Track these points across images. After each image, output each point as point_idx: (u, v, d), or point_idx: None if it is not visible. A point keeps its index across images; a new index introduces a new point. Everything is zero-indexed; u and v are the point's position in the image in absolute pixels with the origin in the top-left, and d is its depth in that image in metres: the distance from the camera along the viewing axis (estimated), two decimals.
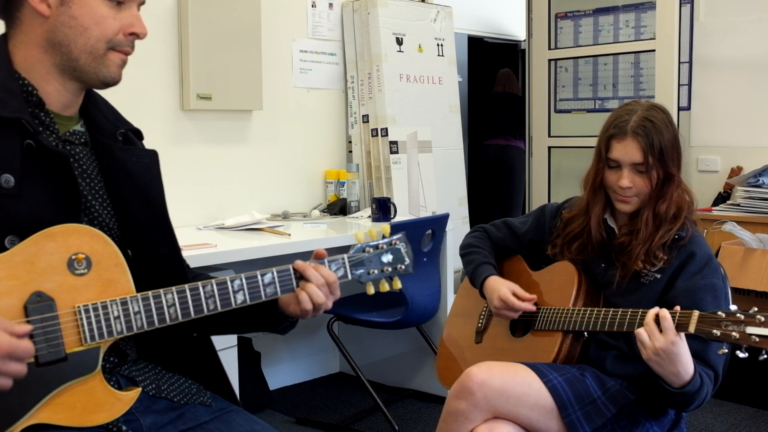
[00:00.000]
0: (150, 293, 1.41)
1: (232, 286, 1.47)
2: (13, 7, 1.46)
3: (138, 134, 1.66)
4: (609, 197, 2.15)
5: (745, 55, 4.54)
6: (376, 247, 1.62)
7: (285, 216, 3.81)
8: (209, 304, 1.45)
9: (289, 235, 3.29)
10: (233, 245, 3.07)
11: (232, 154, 3.79)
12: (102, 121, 1.57)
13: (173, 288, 1.43)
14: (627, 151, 2.06)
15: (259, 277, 1.50)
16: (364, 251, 1.61)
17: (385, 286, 1.63)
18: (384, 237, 1.64)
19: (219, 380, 1.65)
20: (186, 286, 1.44)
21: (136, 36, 1.50)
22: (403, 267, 1.64)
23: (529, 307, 2.22)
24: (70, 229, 1.37)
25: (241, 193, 3.82)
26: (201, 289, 1.44)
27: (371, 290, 1.62)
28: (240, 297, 1.48)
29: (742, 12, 4.56)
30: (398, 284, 1.65)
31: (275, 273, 1.52)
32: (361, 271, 1.60)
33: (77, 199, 1.43)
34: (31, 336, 1.28)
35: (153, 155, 1.63)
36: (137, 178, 1.56)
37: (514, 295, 2.24)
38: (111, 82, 1.51)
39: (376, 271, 1.61)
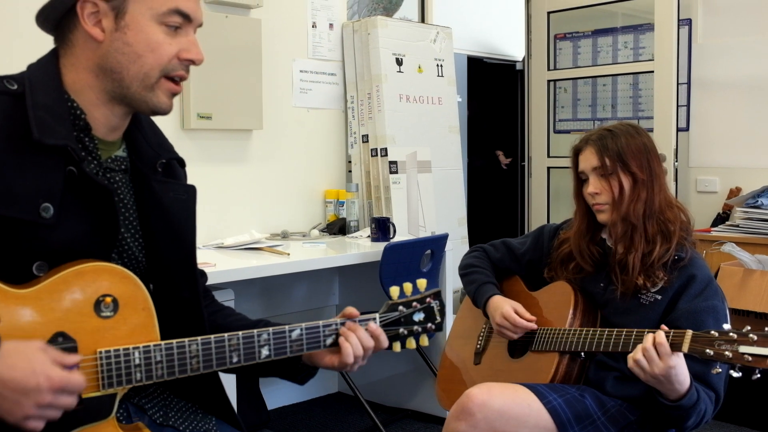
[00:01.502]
0: (174, 343, 1.36)
1: (258, 340, 1.42)
2: (66, 28, 1.41)
3: (181, 162, 1.61)
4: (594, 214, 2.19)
5: (744, 77, 4.57)
6: (410, 305, 1.57)
7: (284, 235, 3.81)
8: (233, 357, 1.41)
9: (289, 254, 3.29)
10: (232, 264, 3.06)
11: (232, 173, 3.80)
12: (144, 147, 1.52)
13: (198, 338, 1.38)
14: (587, 158, 2.15)
15: (287, 332, 1.45)
16: (396, 309, 1.56)
17: (411, 344, 1.58)
18: (419, 292, 1.59)
19: (222, 405, 1.62)
20: (212, 337, 1.39)
21: (192, 62, 1.44)
22: (433, 326, 1.59)
23: (531, 326, 2.22)
24: (101, 268, 1.33)
25: (240, 213, 3.82)
26: (226, 341, 1.40)
27: (397, 349, 1.58)
28: (265, 351, 1.43)
29: (739, 34, 4.59)
30: (425, 342, 1.59)
31: (304, 330, 1.47)
32: (391, 330, 1.55)
33: (114, 234, 1.40)
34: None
35: (191, 192, 1.58)
36: (172, 215, 1.51)
37: (517, 313, 2.24)
38: (161, 111, 1.45)
39: (405, 331, 1.57)
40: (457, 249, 3.98)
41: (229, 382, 2.82)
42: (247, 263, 3.14)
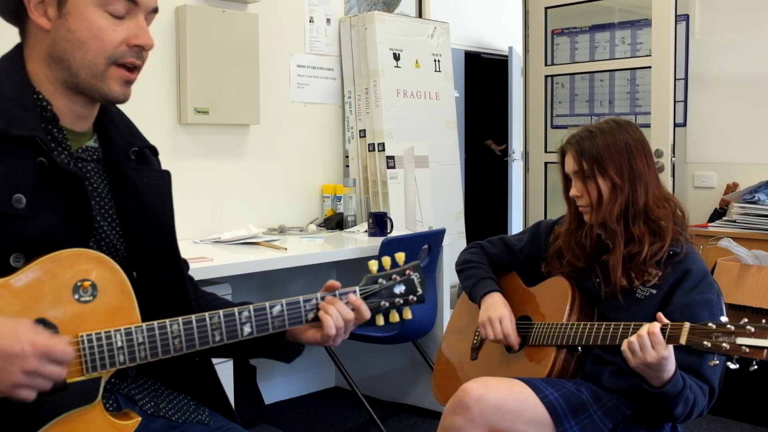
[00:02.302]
0: (155, 324, 1.37)
1: (240, 318, 1.43)
2: (23, 20, 1.42)
3: (153, 151, 1.61)
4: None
5: (741, 72, 4.57)
6: (389, 277, 1.58)
7: (281, 230, 3.81)
8: (215, 335, 1.41)
9: (286, 249, 3.29)
10: (230, 259, 3.06)
11: (229, 168, 3.80)
12: (115, 137, 1.51)
13: (179, 318, 1.38)
14: (568, 162, 2.17)
15: (267, 309, 1.46)
16: (376, 282, 1.57)
17: (395, 317, 1.59)
18: (397, 265, 1.60)
19: (217, 397, 1.62)
20: (192, 316, 1.40)
21: (141, 48, 1.42)
22: (415, 298, 1.60)
23: (511, 341, 2.24)
24: (77, 254, 1.33)
25: (237, 207, 3.82)
26: (208, 320, 1.41)
27: (380, 321, 1.58)
28: (247, 329, 1.44)
29: (737, 30, 4.59)
30: (408, 314, 1.60)
31: (284, 305, 1.48)
32: (372, 302, 1.56)
33: (89, 222, 1.39)
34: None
35: (166, 176, 1.58)
36: (148, 200, 1.51)
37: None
38: (114, 100, 1.44)
39: (387, 303, 1.57)
40: (454, 244, 3.98)
41: (226, 376, 2.83)
42: (244, 258, 3.14)
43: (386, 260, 1.59)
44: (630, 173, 2.10)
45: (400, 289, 1.59)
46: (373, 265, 1.58)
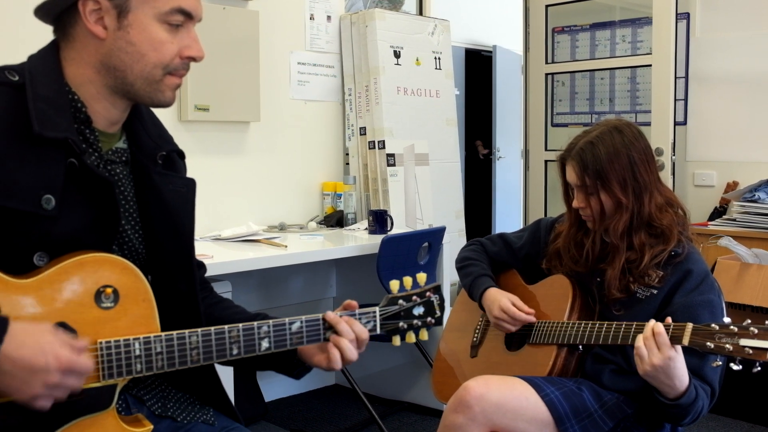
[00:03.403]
0: (174, 334, 1.37)
1: (259, 333, 1.43)
2: (66, 22, 1.40)
3: (181, 154, 1.62)
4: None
5: (741, 71, 4.57)
6: (409, 298, 1.58)
7: (282, 228, 3.81)
8: (233, 348, 1.41)
9: (286, 246, 3.29)
10: (230, 256, 3.06)
11: (230, 165, 3.80)
12: (144, 139, 1.52)
13: (198, 330, 1.38)
14: (569, 173, 2.13)
15: (287, 324, 1.46)
16: (396, 303, 1.57)
17: (411, 338, 1.60)
18: (418, 286, 1.60)
19: (218, 396, 1.62)
20: (212, 329, 1.39)
21: (193, 59, 1.45)
22: (433, 320, 1.60)
23: (530, 318, 2.22)
24: (102, 259, 1.34)
25: (238, 205, 3.81)
26: (227, 333, 1.40)
27: (397, 342, 1.59)
28: (265, 344, 1.44)
29: (737, 28, 4.59)
30: (425, 335, 1.61)
31: (304, 322, 1.48)
32: (391, 324, 1.57)
33: (115, 226, 1.40)
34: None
35: (191, 185, 1.58)
36: (171, 208, 1.51)
37: (515, 306, 2.25)
38: (165, 105, 1.46)
39: (405, 325, 1.58)
40: (454, 242, 3.98)
41: (226, 374, 2.83)
42: (244, 255, 3.13)
43: (407, 280, 1.59)
44: (635, 186, 2.07)
45: (419, 311, 1.59)
46: (395, 285, 1.58)
